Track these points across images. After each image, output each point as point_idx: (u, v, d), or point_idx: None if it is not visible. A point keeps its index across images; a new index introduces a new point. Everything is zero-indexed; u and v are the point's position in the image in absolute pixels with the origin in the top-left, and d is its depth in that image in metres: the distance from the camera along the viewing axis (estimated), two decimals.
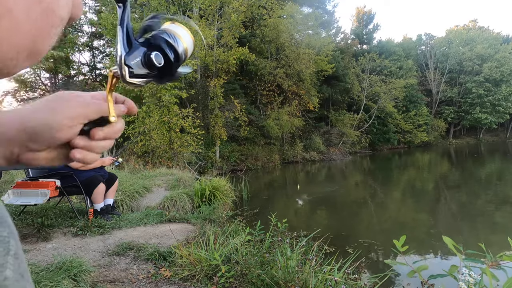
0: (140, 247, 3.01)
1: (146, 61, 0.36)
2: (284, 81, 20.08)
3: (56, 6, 0.25)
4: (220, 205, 5.38)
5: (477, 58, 34.44)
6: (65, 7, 0.26)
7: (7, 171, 5.42)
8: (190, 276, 2.49)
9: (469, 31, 38.61)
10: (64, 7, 0.26)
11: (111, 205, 4.01)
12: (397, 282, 3.72)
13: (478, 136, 38.66)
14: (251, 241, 3.02)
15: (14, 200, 3.36)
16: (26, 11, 0.22)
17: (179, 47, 0.38)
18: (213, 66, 15.72)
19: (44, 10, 0.24)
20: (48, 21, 0.24)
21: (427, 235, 5.75)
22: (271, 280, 2.20)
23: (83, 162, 0.37)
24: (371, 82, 26.85)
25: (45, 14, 0.24)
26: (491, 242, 5.07)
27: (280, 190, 11.74)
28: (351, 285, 2.33)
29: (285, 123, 19.02)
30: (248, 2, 16.09)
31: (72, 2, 0.28)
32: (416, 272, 1.26)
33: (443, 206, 8.12)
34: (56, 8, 0.25)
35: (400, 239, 1.32)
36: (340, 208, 8.29)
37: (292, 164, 19.70)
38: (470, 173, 14.50)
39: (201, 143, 12.44)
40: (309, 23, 22.94)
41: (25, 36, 0.23)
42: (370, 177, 14.54)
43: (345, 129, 24.55)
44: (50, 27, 0.25)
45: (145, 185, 5.54)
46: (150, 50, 0.36)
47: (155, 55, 0.36)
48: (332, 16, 30.46)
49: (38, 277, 2.08)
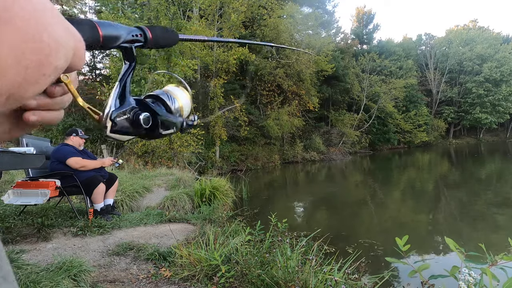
0: (140, 247, 3.01)
1: (134, 120, 0.36)
2: (284, 81, 20.09)
3: (54, 59, 0.24)
4: (220, 205, 5.38)
5: (477, 58, 34.45)
6: (63, 58, 0.25)
7: (8, 171, 5.42)
8: (190, 276, 2.49)
9: (469, 31, 38.62)
10: (62, 58, 0.25)
11: (111, 205, 4.01)
12: (397, 282, 3.72)
13: (478, 136, 38.67)
14: (251, 241, 3.02)
15: (14, 200, 3.36)
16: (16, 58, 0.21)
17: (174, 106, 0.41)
18: (213, 66, 15.72)
19: (39, 60, 0.22)
20: (40, 71, 0.23)
21: (427, 235, 5.75)
22: (271, 280, 2.20)
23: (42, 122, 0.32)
24: (371, 82, 26.86)
25: (39, 64, 0.22)
26: (491, 242, 5.07)
27: (280, 190, 11.75)
28: (351, 285, 2.33)
29: (285, 123, 19.02)
30: (248, 2, 16.09)
31: (73, 53, 0.26)
32: (417, 272, 1.26)
33: (443, 206, 8.12)
34: (54, 60, 0.24)
35: (403, 238, 1.32)
36: (340, 208, 8.29)
37: (292, 164, 19.71)
38: (470, 173, 14.50)
39: (201, 143, 12.43)
40: (309, 23, 22.94)
41: (9, 81, 0.21)
42: (370, 177, 14.54)
43: (345, 129, 24.56)
44: (40, 76, 0.23)
45: (145, 185, 5.54)
46: (141, 109, 0.37)
47: (144, 115, 0.36)
48: (332, 16, 30.48)
49: (38, 277, 2.08)
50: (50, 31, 0.23)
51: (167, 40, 0.43)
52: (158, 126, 0.39)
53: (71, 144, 3.83)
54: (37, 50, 0.22)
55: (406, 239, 1.32)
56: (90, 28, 0.31)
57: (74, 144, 3.85)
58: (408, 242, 1.34)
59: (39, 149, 3.70)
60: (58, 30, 0.24)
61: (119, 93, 0.36)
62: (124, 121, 0.36)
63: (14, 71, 0.21)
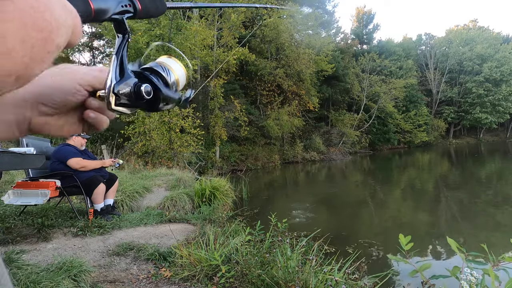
0: (140, 247, 3.01)
1: (136, 92, 0.37)
2: (284, 81, 20.08)
3: (56, 36, 0.25)
4: (220, 205, 5.38)
5: (477, 58, 34.45)
6: (64, 35, 0.26)
7: (7, 171, 5.42)
8: (190, 276, 2.48)
9: (469, 31, 38.63)
10: (64, 36, 0.26)
11: (111, 205, 4.01)
12: (398, 282, 3.72)
13: (478, 136, 38.68)
14: (251, 241, 3.02)
15: (14, 200, 3.36)
16: (22, 38, 0.21)
17: (170, 78, 0.41)
18: (213, 66, 15.72)
19: (43, 38, 0.23)
20: (45, 49, 0.24)
21: (427, 235, 5.74)
22: (271, 280, 2.20)
23: (95, 121, 0.39)
24: (371, 82, 26.86)
25: (43, 42, 0.23)
26: (491, 242, 5.06)
27: (280, 190, 11.74)
28: (352, 285, 2.33)
29: (285, 123, 19.02)
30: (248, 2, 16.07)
31: (72, 30, 0.27)
32: (418, 272, 1.26)
33: (443, 206, 8.12)
34: (56, 37, 0.25)
35: (406, 238, 1.32)
36: (340, 208, 8.29)
37: (292, 164, 19.70)
38: (471, 173, 14.50)
39: (201, 143, 12.43)
40: (309, 23, 22.94)
41: (17, 61, 0.22)
42: (370, 177, 14.53)
43: (345, 129, 24.56)
44: (45, 54, 0.24)
45: (145, 185, 5.53)
46: (141, 81, 0.38)
47: (145, 87, 0.37)
48: (332, 16, 30.49)
49: (38, 278, 2.08)
50: (51, 9, 0.23)
51: (156, 9, 0.43)
52: (158, 98, 0.39)
53: (73, 144, 3.84)
54: (41, 28, 0.22)
55: (409, 239, 1.32)
56: (82, 3, 0.31)
57: (75, 144, 3.85)
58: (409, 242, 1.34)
59: (39, 149, 3.70)
60: (58, 7, 0.25)
61: (117, 66, 0.37)
62: (126, 93, 0.37)
63: (21, 51, 0.21)
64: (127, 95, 0.37)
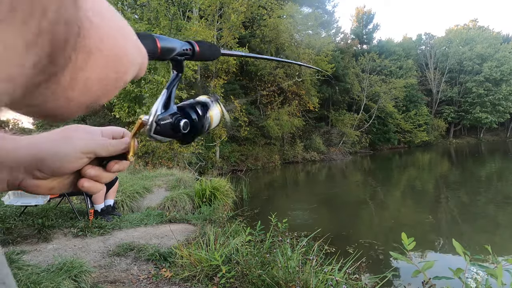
0: (140, 247, 3.01)
1: (175, 124, 0.40)
2: (284, 81, 20.08)
3: (127, 76, 0.26)
4: (220, 206, 5.38)
5: (477, 58, 34.44)
6: (134, 73, 0.28)
7: None
8: (190, 276, 2.48)
9: (469, 30, 38.63)
10: (133, 74, 0.28)
11: (112, 205, 4.01)
12: (398, 282, 3.72)
13: (479, 136, 38.66)
14: (252, 241, 3.02)
15: (15, 201, 3.36)
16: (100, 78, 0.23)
17: (205, 120, 0.45)
18: (213, 66, 15.72)
19: (117, 78, 0.25)
20: (116, 86, 0.26)
21: (427, 235, 5.74)
22: (272, 280, 2.20)
23: (89, 191, 0.39)
24: (371, 82, 26.85)
25: (116, 81, 0.25)
26: (492, 241, 5.06)
27: (281, 190, 11.74)
28: (352, 285, 2.33)
29: (285, 123, 19.02)
30: (248, 2, 16.08)
31: (139, 68, 0.29)
32: (421, 272, 1.26)
33: (443, 206, 8.12)
34: (127, 76, 0.26)
35: (408, 239, 1.32)
36: (340, 208, 8.28)
37: (292, 164, 19.70)
38: (471, 172, 14.49)
39: (201, 143, 12.43)
40: (309, 23, 22.94)
41: (91, 97, 0.24)
42: (370, 177, 14.53)
43: (345, 129, 24.55)
44: (115, 89, 0.26)
45: (145, 186, 5.53)
46: (181, 116, 0.41)
47: (184, 123, 0.41)
48: (332, 16, 30.49)
49: (39, 278, 2.08)
50: (129, 54, 0.25)
51: (211, 55, 0.47)
52: (193, 132, 0.43)
53: None
54: (118, 71, 0.25)
55: (412, 240, 1.32)
56: (151, 42, 0.34)
57: None
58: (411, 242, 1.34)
59: None
60: (133, 51, 0.26)
61: (165, 99, 0.40)
62: (166, 124, 0.40)
63: (96, 88, 0.24)
64: (167, 126, 0.39)
